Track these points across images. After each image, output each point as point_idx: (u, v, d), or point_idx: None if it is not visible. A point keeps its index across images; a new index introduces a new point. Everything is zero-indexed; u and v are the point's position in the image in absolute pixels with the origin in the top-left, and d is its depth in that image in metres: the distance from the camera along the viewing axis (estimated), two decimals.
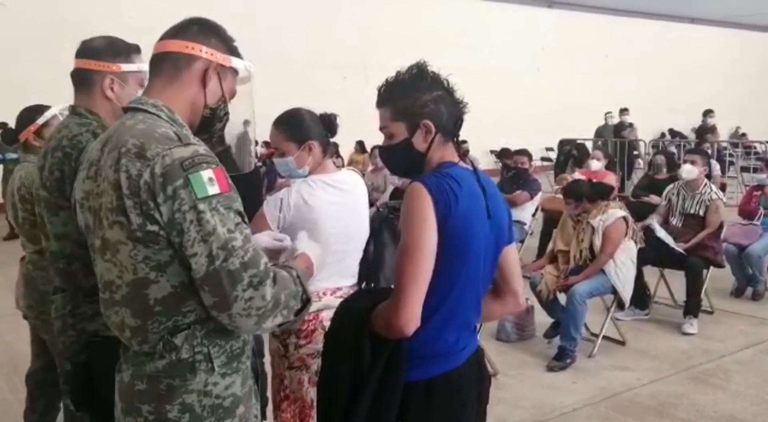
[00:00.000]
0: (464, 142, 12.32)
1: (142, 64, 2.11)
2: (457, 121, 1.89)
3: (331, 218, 2.53)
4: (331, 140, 2.68)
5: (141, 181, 1.41)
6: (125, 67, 2.10)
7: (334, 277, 2.59)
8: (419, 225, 1.73)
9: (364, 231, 2.68)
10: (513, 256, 2.02)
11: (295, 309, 1.52)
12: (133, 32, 2.54)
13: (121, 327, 1.53)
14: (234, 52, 1.69)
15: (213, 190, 1.42)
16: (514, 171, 7.50)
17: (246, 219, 1.50)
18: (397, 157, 1.95)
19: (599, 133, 14.34)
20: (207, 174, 1.42)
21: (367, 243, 2.69)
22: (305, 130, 2.57)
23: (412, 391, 1.79)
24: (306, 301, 1.56)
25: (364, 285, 2.68)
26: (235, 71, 1.70)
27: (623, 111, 14.54)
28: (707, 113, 15.46)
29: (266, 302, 1.44)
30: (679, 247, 5.50)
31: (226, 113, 1.70)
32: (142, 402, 1.51)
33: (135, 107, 1.57)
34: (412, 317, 1.71)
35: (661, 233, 5.57)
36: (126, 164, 1.42)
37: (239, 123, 2.13)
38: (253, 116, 1.95)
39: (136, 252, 1.44)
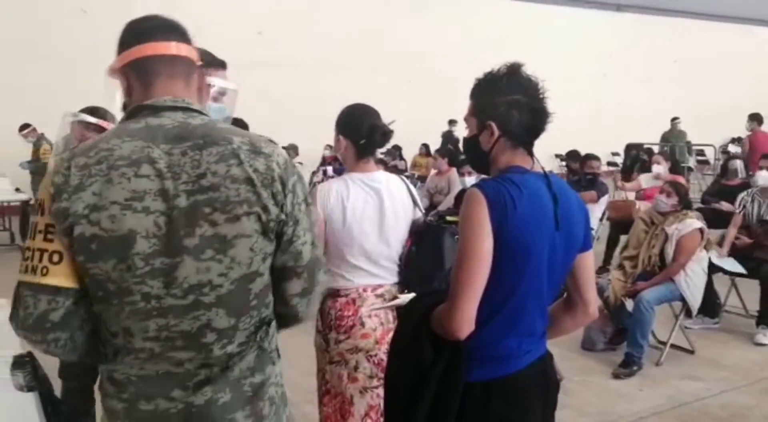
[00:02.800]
0: None
1: (216, 80, 2.18)
2: (531, 130, 1.87)
3: (364, 217, 2.59)
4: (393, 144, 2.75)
5: (274, 173, 1.46)
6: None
7: (372, 275, 2.64)
8: (473, 231, 1.73)
9: (399, 231, 2.68)
10: (587, 263, 1.97)
11: None
12: (206, 40, 2.64)
13: (199, 334, 1.43)
14: None
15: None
16: (590, 176, 7.38)
17: None
18: (467, 150, 2.00)
19: (665, 138, 14.00)
20: (300, 174, 1.56)
21: (410, 246, 2.70)
22: (339, 124, 2.69)
23: (470, 391, 1.80)
24: None
25: (398, 287, 2.69)
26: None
27: None
28: None
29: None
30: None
31: None
32: (234, 411, 1.46)
33: (187, 107, 1.51)
34: (465, 321, 1.73)
35: (721, 263, 5.43)
36: (247, 159, 1.43)
37: None
38: None
39: (255, 244, 1.43)
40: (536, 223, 1.77)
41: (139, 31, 1.55)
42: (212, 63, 2.22)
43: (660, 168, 7.73)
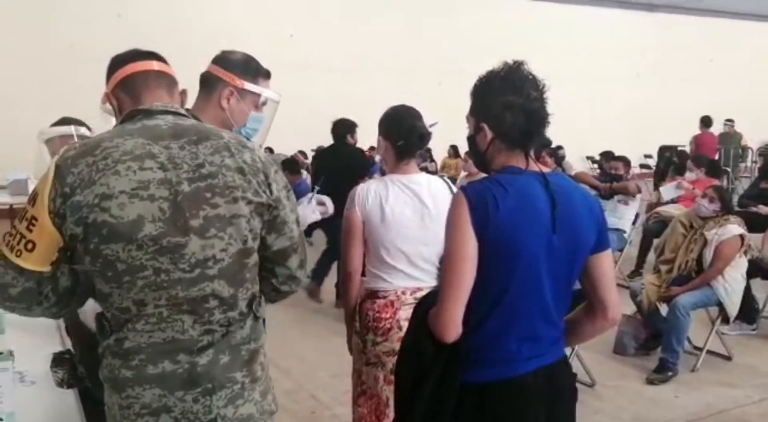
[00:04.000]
0: (560, 147, 12.10)
1: (264, 90, 2.21)
2: (525, 132, 1.81)
3: (403, 218, 2.60)
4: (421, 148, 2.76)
5: (258, 165, 1.68)
6: (248, 85, 2.17)
7: (411, 278, 2.64)
8: (455, 233, 1.75)
9: (440, 233, 2.63)
10: (603, 264, 1.89)
11: None
12: (239, 42, 2.66)
13: (203, 301, 1.62)
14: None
15: None
16: (610, 177, 7.31)
17: None
18: (470, 150, 1.98)
19: (721, 140, 13.56)
20: None
21: None
22: (380, 125, 2.72)
23: (466, 392, 1.79)
24: None
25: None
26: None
27: None
28: None
29: None
30: None
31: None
32: (233, 371, 1.67)
33: (176, 111, 1.76)
34: (451, 323, 1.74)
35: None
36: (236, 152, 1.66)
37: None
38: None
39: (248, 223, 1.65)
40: (524, 223, 1.74)
41: (123, 59, 1.80)
42: (259, 72, 2.23)
43: (692, 175, 7.55)
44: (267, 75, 2.26)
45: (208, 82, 2.19)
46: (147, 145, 1.60)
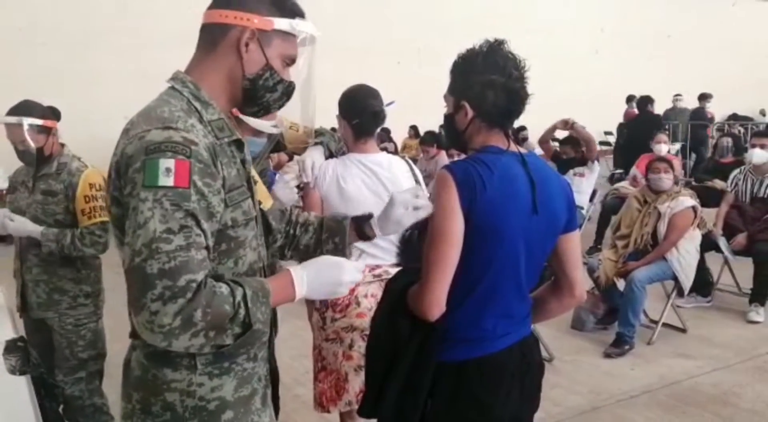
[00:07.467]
0: (523, 128, 12.16)
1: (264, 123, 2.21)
2: (506, 111, 1.82)
3: (360, 196, 2.61)
4: (381, 127, 2.78)
5: (114, 160, 1.35)
6: None
7: (370, 255, 2.63)
8: (442, 213, 1.72)
9: None
10: (571, 244, 1.94)
11: (231, 333, 1.33)
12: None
13: None
14: (284, 11, 1.49)
15: (164, 181, 1.27)
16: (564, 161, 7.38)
17: (200, 225, 1.32)
18: (445, 128, 1.97)
19: (666, 116, 13.80)
20: (166, 163, 1.28)
21: (411, 229, 2.68)
22: (339, 104, 2.73)
23: (443, 372, 1.80)
24: (247, 327, 1.34)
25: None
26: (289, 34, 1.50)
27: None
28: None
29: (172, 321, 1.25)
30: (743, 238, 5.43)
31: (279, 81, 1.51)
32: (135, 390, 1.46)
33: (170, 86, 1.49)
34: (435, 302, 1.73)
35: (723, 245, 5.48)
36: (119, 143, 1.38)
37: None
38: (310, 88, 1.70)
39: (117, 234, 1.38)
40: (507, 205, 1.75)
41: None
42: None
43: (665, 148, 7.56)
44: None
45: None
46: None
